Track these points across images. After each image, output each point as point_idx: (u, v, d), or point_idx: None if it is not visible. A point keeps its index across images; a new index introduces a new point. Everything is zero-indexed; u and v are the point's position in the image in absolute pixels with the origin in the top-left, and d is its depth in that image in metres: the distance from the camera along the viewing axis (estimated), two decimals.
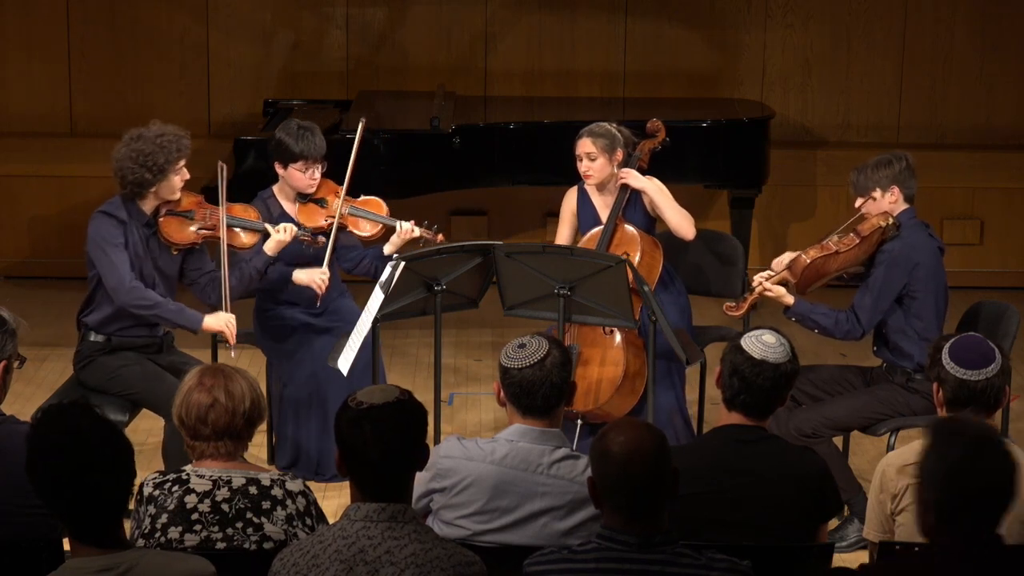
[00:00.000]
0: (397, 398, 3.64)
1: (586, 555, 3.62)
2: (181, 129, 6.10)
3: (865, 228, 6.06)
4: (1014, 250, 9.81)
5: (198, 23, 9.81)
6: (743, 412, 4.28)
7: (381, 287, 5.90)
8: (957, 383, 4.33)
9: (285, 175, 6.51)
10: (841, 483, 5.20)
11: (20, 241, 9.67)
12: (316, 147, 6.45)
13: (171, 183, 6.04)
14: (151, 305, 6.01)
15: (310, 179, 6.48)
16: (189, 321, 6.07)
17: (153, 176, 5.98)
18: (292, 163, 6.46)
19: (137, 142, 5.99)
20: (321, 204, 6.55)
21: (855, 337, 6.07)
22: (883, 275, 6.01)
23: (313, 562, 3.56)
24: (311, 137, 6.45)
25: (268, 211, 6.48)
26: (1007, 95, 9.99)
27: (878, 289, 6.02)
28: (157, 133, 6.01)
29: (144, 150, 5.96)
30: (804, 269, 6.04)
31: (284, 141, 6.45)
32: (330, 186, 6.57)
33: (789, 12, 9.90)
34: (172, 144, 5.99)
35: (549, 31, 9.90)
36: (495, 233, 9.58)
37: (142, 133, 6.02)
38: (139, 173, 5.97)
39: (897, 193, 6.08)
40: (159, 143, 5.97)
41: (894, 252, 6.01)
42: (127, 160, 5.97)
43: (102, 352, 6.09)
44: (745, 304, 6.12)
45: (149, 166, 5.96)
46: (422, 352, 8.24)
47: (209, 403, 4.00)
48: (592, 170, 6.62)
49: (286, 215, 6.52)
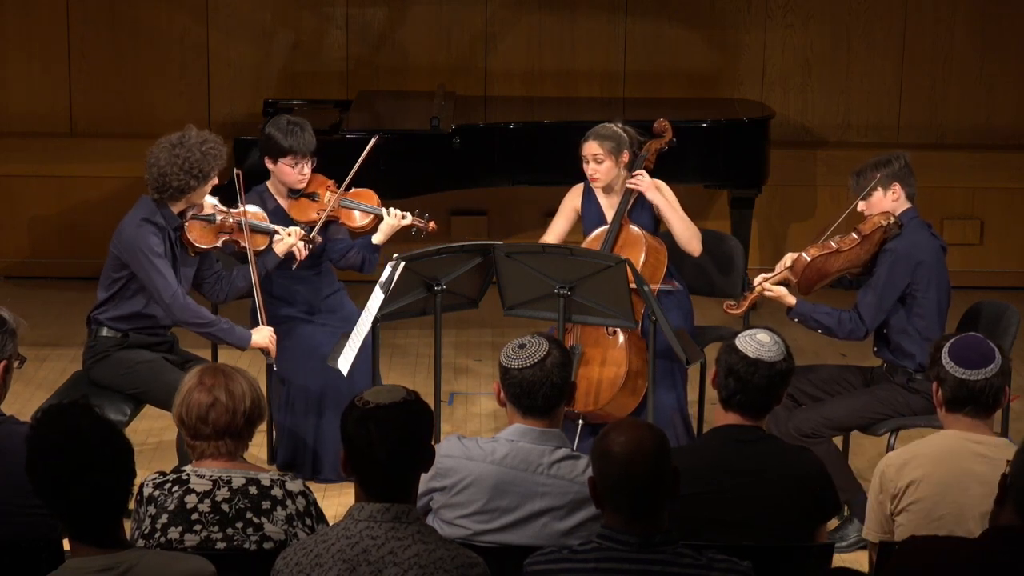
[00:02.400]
0: (404, 399, 3.64)
1: (586, 555, 3.62)
2: (218, 136, 6.11)
3: (866, 227, 6.05)
4: (1014, 250, 9.81)
5: (198, 23, 9.81)
6: (740, 412, 4.29)
7: (381, 287, 5.90)
8: (956, 383, 4.33)
9: (275, 170, 6.53)
10: (841, 483, 5.20)
11: (20, 241, 9.67)
12: (305, 142, 6.47)
13: (205, 189, 6.08)
14: (206, 323, 6.07)
15: (299, 174, 6.50)
16: (239, 339, 6.14)
17: (199, 183, 6.01)
18: (281, 158, 6.48)
19: (182, 149, 5.97)
20: (313, 198, 6.57)
21: (858, 337, 6.06)
22: (886, 273, 6.01)
23: (316, 561, 3.56)
24: (300, 132, 6.47)
25: (263, 203, 6.51)
26: (1007, 95, 9.99)
27: (881, 287, 6.01)
28: (200, 140, 6.00)
29: (191, 158, 5.95)
30: (805, 268, 6.04)
31: (273, 136, 6.48)
32: (321, 180, 6.59)
33: (789, 12, 9.90)
34: (216, 152, 6.02)
35: (549, 31, 9.90)
36: (495, 233, 9.58)
37: (183, 140, 6.00)
38: (184, 180, 5.97)
39: (899, 191, 6.08)
40: (204, 151, 5.98)
41: (897, 250, 6.01)
42: (172, 166, 5.95)
43: (118, 348, 6.08)
44: (745, 303, 6.12)
45: (195, 174, 5.98)
46: (422, 352, 8.24)
47: (210, 402, 4.00)
48: (599, 172, 6.62)
49: (280, 209, 6.55)
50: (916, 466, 4.29)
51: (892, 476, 4.32)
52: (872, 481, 4.41)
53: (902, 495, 4.29)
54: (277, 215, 6.49)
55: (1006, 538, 3.51)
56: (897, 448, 4.99)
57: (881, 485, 4.35)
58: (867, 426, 6.03)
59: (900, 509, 4.30)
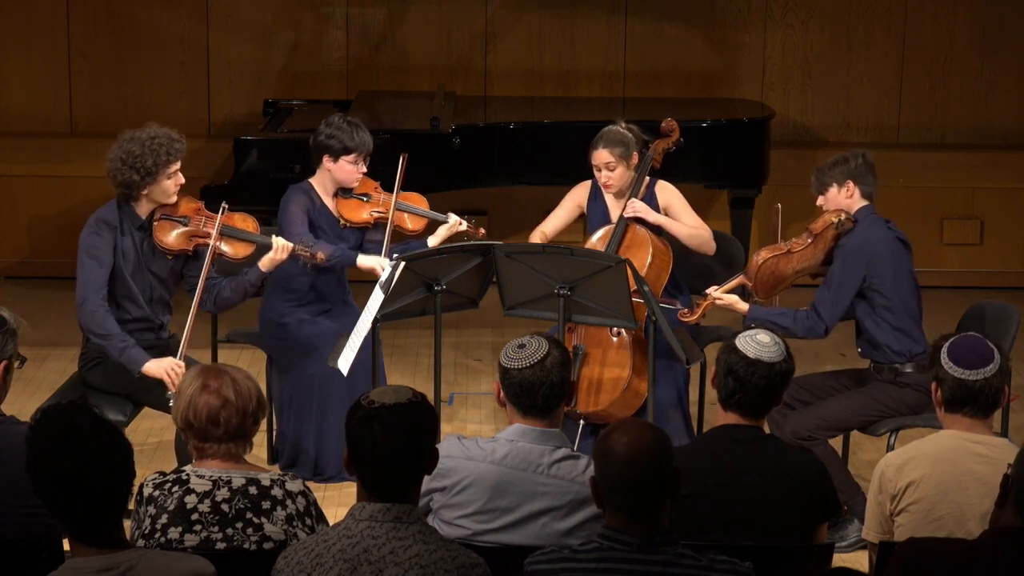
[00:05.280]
0: (410, 400, 3.64)
1: (587, 555, 3.63)
2: (175, 132, 6.01)
3: (817, 226, 6.06)
4: (1014, 250, 9.81)
5: (198, 23, 9.81)
6: (739, 412, 4.29)
7: (381, 287, 5.90)
8: (955, 383, 4.32)
9: (334, 168, 6.52)
10: (839, 485, 5.20)
11: (20, 241, 9.67)
12: (367, 141, 6.54)
13: (163, 187, 5.96)
14: (103, 335, 5.89)
15: (358, 172, 6.53)
16: (130, 361, 5.88)
17: (141, 178, 5.91)
18: (344, 156, 6.49)
19: (128, 143, 5.93)
20: (364, 199, 6.58)
21: (818, 334, 6.04)
22: (839, 269, 6.01)
23: (317, 561, 3.56)
24: (362, 131, 6.54)
25: (311, 202, 6.51)
26: (1007, 95, 9.99)
27: (836, 283, 6.00)
28: (149, 136, 5.93)
29: (133, 151, 5.89)
30: (758, 270, 6.03)
31: (336, 135, 6.49)
32: (368, 182, 6.62)
33: (789, 12, 9.91)
34: (162, 147, 5.91)
35: (549, 31, 9.90)
36: (495, 233, 9.58)
37: (135, 135, 5.95)
38: (127, 175, 5.90)
39: (852, 188, 6.08)
40: (149, 145, 5.90)
41: (849, 246, 6.01)
42: (117, 161, 5.92)
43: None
44: (698, 311, 6.12)
45: (137, 168, 5.89)
46: (422, 352, 8.24)
47: (220, 404, 3.98)
48: (612, 179, 6.63)
49: (326, 208, 6.54)
50: (915, 466, 4.29)
51: (891, 476, 4.32)
52: (871, 481, 4.41)
53: (901, 495, 4.29)
54: (323, 214, 6.48)
55: (1007, 540, 3.51)
56: (897, 448, 4.99)
57: (880, 485, 4.35)
58: (864, 426, 6.03)
59: (900, 509, 4.30)
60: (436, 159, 8.16)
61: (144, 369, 5.85)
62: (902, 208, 8.85)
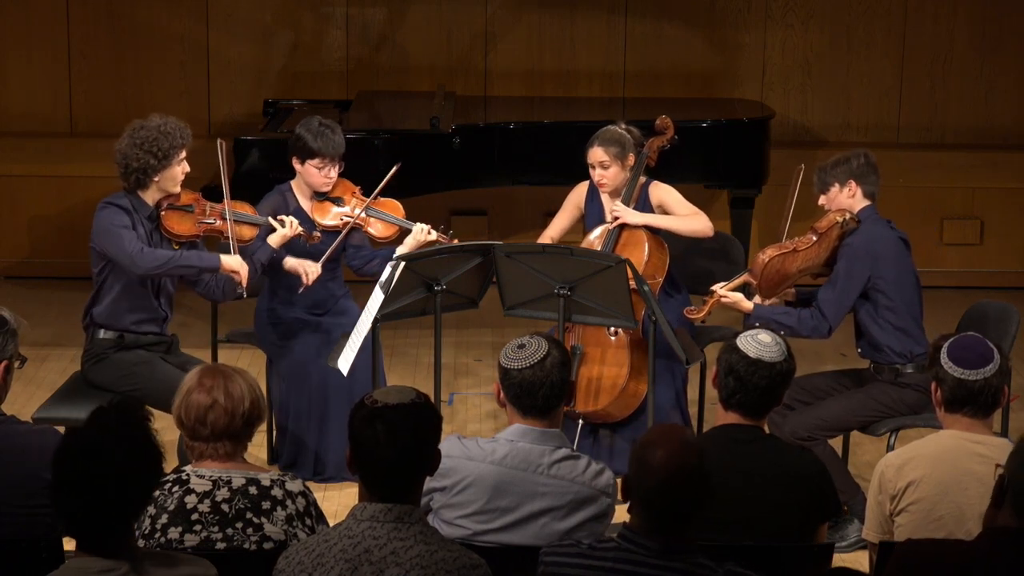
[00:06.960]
0: (413, 400, 3.64)
1: (604, 553, 3.61)
2: (182, 121, 6.13)
3: (822, 225, 6.06)
4: (1014, 250, 9.81)
5: (198, 23, 9.81)
6: (740, 411, 4.29)
7: (381, 287, 5.90)
8: (955, 383, 4.33)
9: (302, 171, 6.53)
10: (839, 485, 5.20)
11: (20, 241, 9.67)
12: (334, 145, 6.48)
13: (173, 172, 6.05)
14: (167, 260, 5.97)
15: (325, 177, 6.50)
16: (209, 261, 6.05)
17: (158, 162, 5.99)
18: (309, 159, 6.48)
19: (140, 131, 6.02)
20: (337, 203, 6.57)
21: (822, 333, 6.04)
22: (844, 268, 6.01)
23: (318, 561, 3.56)
24: (331, 135, 6.48)
25: (286, 203, 6.51)
26: (1007, 95, 9.99)
27: (841, 282, 6.01)
28: (160, 122, 6.05)
29: (149, 136, 5.99)
30: (763, 269, 6.02)
31: (303, 137, 6.48)
32: (347, 186, 6.59)
33: (789, 12, 9.91)
34: (176, 132, 6.04)
35: (549, 31, 9.90)
36: (495, 233, 9.58)
37: (144, 123, 6.06)
38: (144, 159, 5.98)
39: (855, 188, 6.08)
40: (162, 130, 6.02)
41: (854, 245, 6.01)
42: (131, 148, 5.99)
43: (115, 349, 6.07)
44: (704, 309, 6.12)
45: (154, 152, 5.98)
46: (422, 352, 8.24)
47: (208, 404, 4.00)
48: (606, 178, 6.63)
49: (301, 210, 6.54)
50: (915, 466, 4.29)
51: (891, 476, 4.32)
52: (871, 481, 4.41)
53: (901, 495, 4.29)
54: (299, 216, 6.48)
55: (1005, 540, 3.50)
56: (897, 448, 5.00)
57: (880, 485, 4.35)
58: (863, 426, 6.03)
59: (900, 509, 4.30)
60: (436, 159, 8.15)
61: (223, 262, 6.04)
62: (902, 208, 8.85)
